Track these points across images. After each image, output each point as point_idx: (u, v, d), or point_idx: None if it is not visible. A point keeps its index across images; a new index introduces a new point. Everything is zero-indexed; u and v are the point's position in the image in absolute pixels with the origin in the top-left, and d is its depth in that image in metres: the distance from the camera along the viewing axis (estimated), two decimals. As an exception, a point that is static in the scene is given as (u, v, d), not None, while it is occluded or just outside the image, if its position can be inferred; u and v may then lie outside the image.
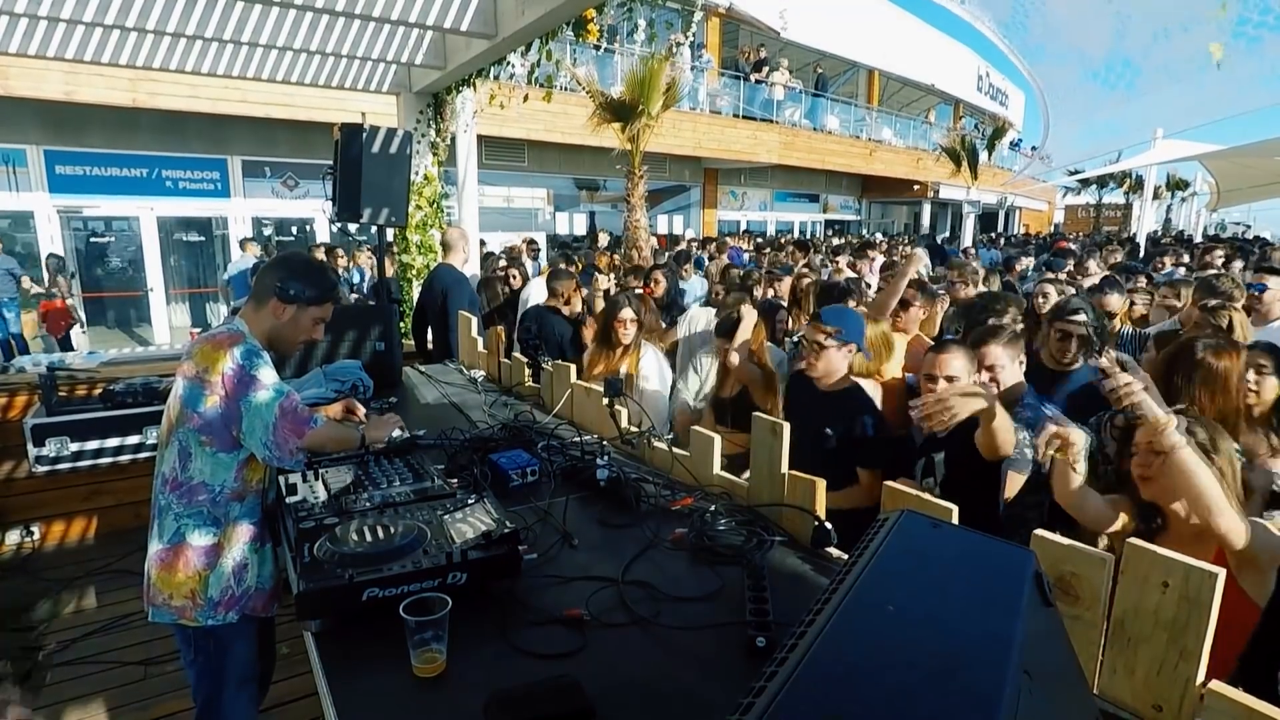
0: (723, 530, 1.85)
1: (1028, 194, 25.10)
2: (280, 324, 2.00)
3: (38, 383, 3.90)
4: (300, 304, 2.01)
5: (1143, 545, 1.21)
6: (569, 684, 1.22)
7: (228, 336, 1.89)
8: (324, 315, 2.09)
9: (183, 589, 1.88)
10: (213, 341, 1.88)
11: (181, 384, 1.89)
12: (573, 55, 10.55)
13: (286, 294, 1.98)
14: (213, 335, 1.92)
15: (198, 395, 1.84)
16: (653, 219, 15.37)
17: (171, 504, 1.89)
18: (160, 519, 1.92)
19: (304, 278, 2.02)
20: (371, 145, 3.71)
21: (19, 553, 4.11)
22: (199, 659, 1.96)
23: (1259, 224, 29.65)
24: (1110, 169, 22.16)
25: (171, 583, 1.88)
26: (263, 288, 2.00)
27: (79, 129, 9.64)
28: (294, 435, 1.86)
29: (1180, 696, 1.18)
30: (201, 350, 1.87)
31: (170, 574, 1.88)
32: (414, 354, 4.96)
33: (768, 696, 0.63)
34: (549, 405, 3.08)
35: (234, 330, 1.93)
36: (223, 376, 1.84)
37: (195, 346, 1.90)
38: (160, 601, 1.90)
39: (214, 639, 1.94)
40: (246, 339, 1.91)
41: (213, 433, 1.86)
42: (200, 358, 1.86)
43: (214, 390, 1.83)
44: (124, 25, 3.97)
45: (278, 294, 1.98)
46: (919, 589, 0.85)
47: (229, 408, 1.84)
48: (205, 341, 1.90)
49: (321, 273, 2.11)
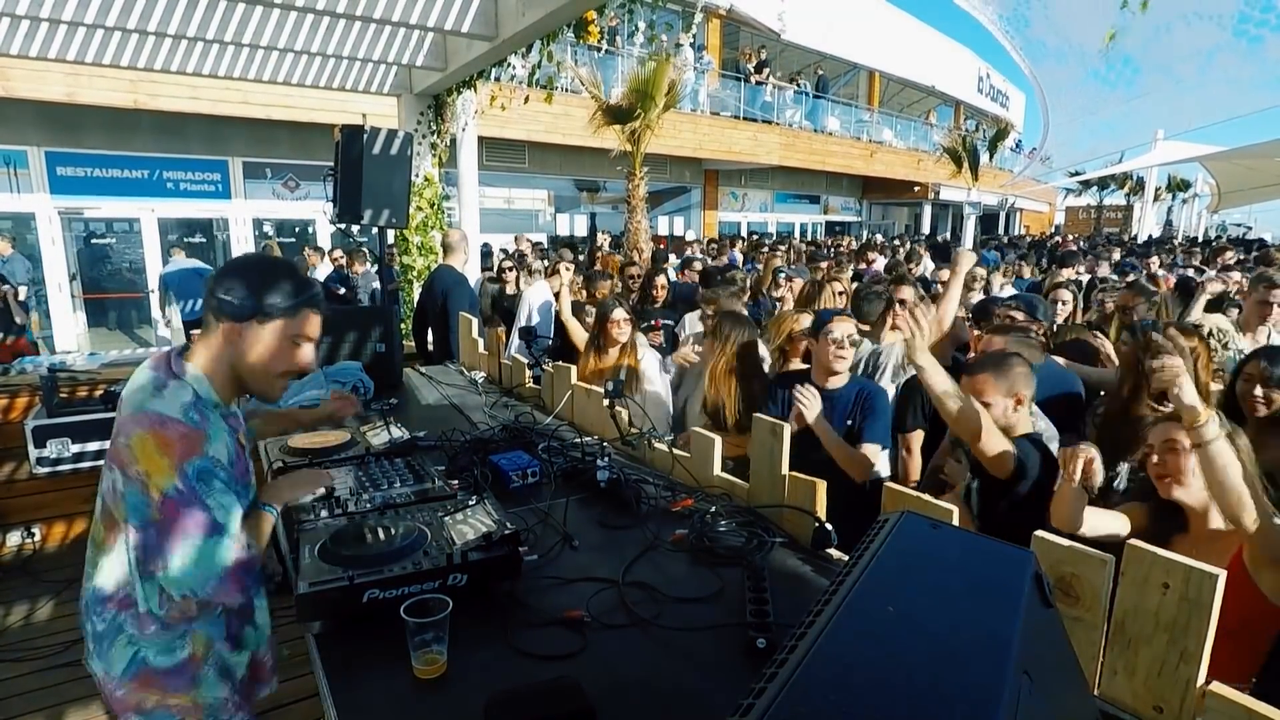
0: (723, 531, 1.85)
1: (1029, 195, 25.10)
2: (241, 352, 1.48)
3: (38, 384, 3.91)
4: (259, 318, 1.46)
5: (1143, 546, 1.21)
6: (569, 685, 1.22)
7: (181, 435, 1.37)
8: (303, 331, 1.52)
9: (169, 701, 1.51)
10: (158, 436, 1.36)
11: (120, 481, 1.40)
12: (574, 57, 10.56)
13: (232, 307, 1.45)
14: (159, 421, 1.37)
15: (142, 505, 1.38)
16: (653, 220, 15.36)
17: (123, 626, 1.47)
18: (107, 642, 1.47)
19: (257, 281, 1.46)
20: (372, 147, 3.72)
21: (20, 554, 4.11)
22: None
23: (1260, 225, 29.61)
24: (1111, 170, 22.17)
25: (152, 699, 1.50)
26: (208, 308, 1.48)
27: (80, 130, 9.66)
28: (239, 590, 1.45)
29: (1181, 698, 1.18)
30: (142, 445, 1.36)
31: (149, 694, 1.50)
32: (414, 355, 4.97)
33: (768, 697, 0.63)
34: (549, 406, 3.08)
35: (188, 420, 1.39)
36: (164, 499, 1.36)
37: (134, 431, 1.37)
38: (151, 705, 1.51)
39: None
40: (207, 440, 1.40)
41: (147, 558, 1.41)
42: (141, 455, 1.35)
43: (153, 507, 1.36)
44: (125, 27, 3.98)
45: (222, 309, 1.45)
46: (919, 590, 0.85)
47: (163, 542, 1.37)
48: (149, 430, 1.36)
49: (282, 273, 1.51)
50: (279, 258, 1.74)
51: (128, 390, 1.48)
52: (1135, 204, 26.06)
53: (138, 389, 1.45)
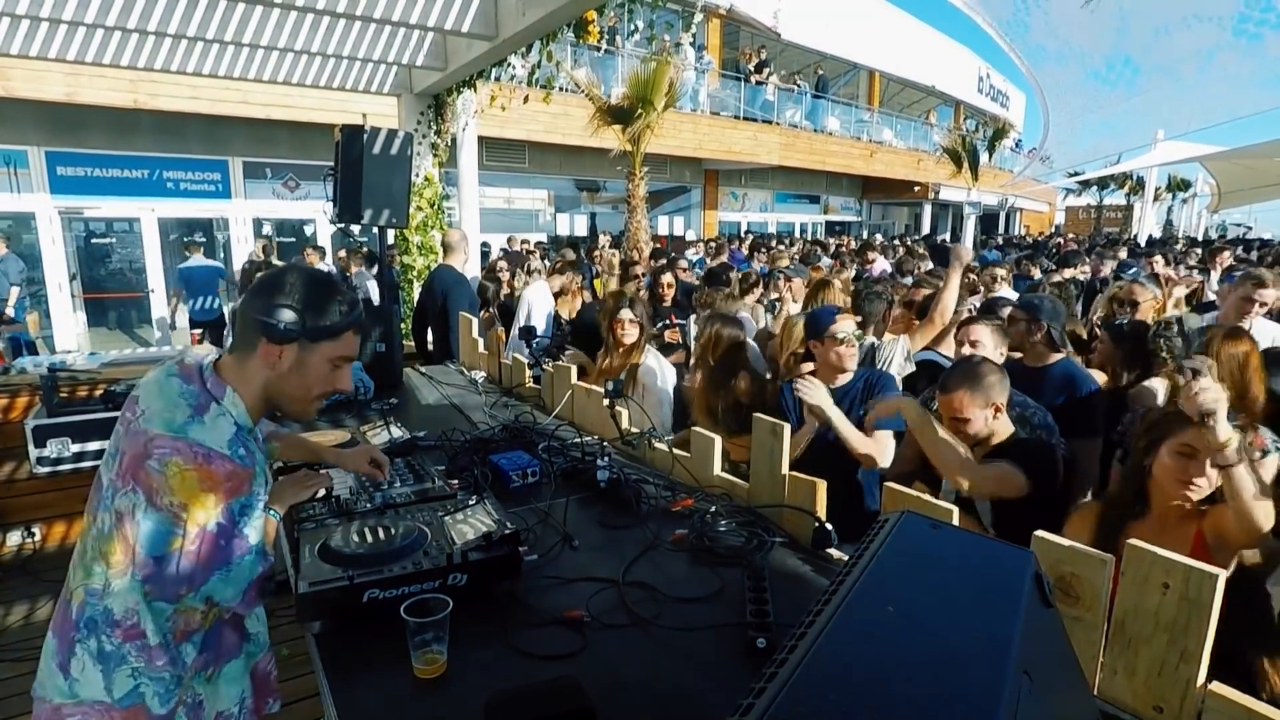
0: (723, 531, 1.85)
1: (1028, 195, 25.11)
2: (279, 375, 1.42)
3: (39, 384, 3.91)
4: (304, 340, 1.40)
5: (1143, 546, 1.21)
6: (569, 685, 1.22)
7: (229, 472, 1.32)
8: (346, 352, 1.47)
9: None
10: (203, 471, 1.30)
11: (143, 507, 1.30)
12: (574, 57, 10.57)
13: (277, 330, 1.37)
14: (205, 456, 1.30)
15: (164, 536, 1.31)
16: (653, 220, 15.37)
17: (127, 656, 1.37)
18: (107, 665, 1.38)
19: (303, 301, 1.39)
20: (372, 146, 3.72)
21: (20, 554, 4.11)
22: None
23: (1260, 225, 29.64)
24: (1111, 170, 22.19)
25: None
26: (246, 326, 1.40)
27: (80, 130, 9.66)
28: (257, 593, 1.44)
29: (1181, 698, 1.18)
30: (184, 479, 1.29)
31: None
32: (414, 355, 4.97)
33: (768, 697, 0.63)
34: (549, 406, 3.08)
35: (236, 457, 1.34)
36: (203, 531, 1.31)
37: (172, 460, 1.28)
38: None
39: None
40: (254, 475, 1.38)
41: (162, 585, 1.34)
42: (180, 488, 1.29)
43: (187, 539, 1.31)
44: (125, 27, 3.98)
45: (265, 331, 1.37)
46: (919, 590, 0.85)
47: (196, 569, 1.33)
48: (193, 466, 1.29)
49: (329, 292, 1.44)
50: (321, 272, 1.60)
51: (152, 400, 1.36)
52: (1135, 204, 26.06)
53: (169, 405, 1.34)
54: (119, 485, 1.34)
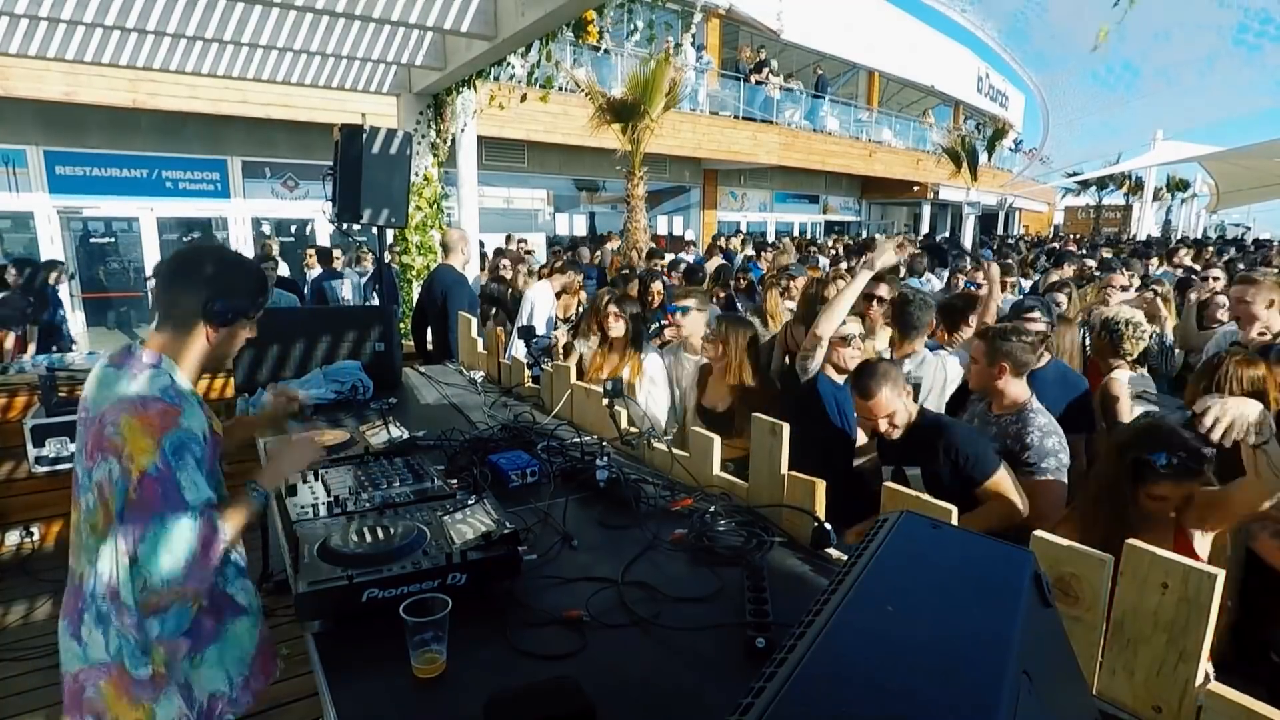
0: (722, 531, 1.85)
1: (1027, 195, 25.13)
2: (216, 346, 1.63)
3: (37, 383, 3.91)
4: (242, 321, 1.65)
5: (1143, 546, 1.21)
6: (569, 685, 1.22)
7: (160, 411, 1.45)
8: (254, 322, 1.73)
9: (128, 716, 1.53)
10: (142, 417, 1.43)
11: (115, 466, 1.43)
12: (574, 57, 10.57)
13: (222, 317, 1.59)
14: (141, 402, 1.44)
15: (123, 489, 1.43)
16: (652, 220, 15.38)
17: (111, 617, 1.49)
18: (103, 627, 1.50)
19: (236, 289, 1.61)
20: (371, 146, 3.72)
21: (19, 553, 4.11)
22: None
23: (1259, 225, 29.70)
24: (1110, 170, 22.21)
25: (118, 706, 1.52)
26: (184, 309, 1.57)
27: (79, 130, 9.65)
28: (206, 566, 1.46)
29: (1180, 698, 1.18)
30: (130, 427, 1.42)
31: (119, 696, 1.51)
32: (413, 355, 4.97)
33: (767, 697, 0.63)
34: (549, 406, 3.08)
35: (166, 398, 1.48)
36: (142, 477, 1.41)
37: (120, 417, 1.43)
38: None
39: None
40: (184, 414, 1.49)
41: (126, 542, 1.45)
42: (129, 437, 1.42)
43: (132, 486, 1.42)
44: (124, 26, 3.98)
45: (208, 316, 1.57)
46: (918, 590, 0.85)
47: (137, 520, 1.42)
48: (133, 414, 1.43)
49: (257, 276, 1.70)
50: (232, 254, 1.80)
51: (94, 391, 1.53)
52: (1134, 204, 26.09)
53: (107, 383, 1.51)
54: (90, 464, 1.47)
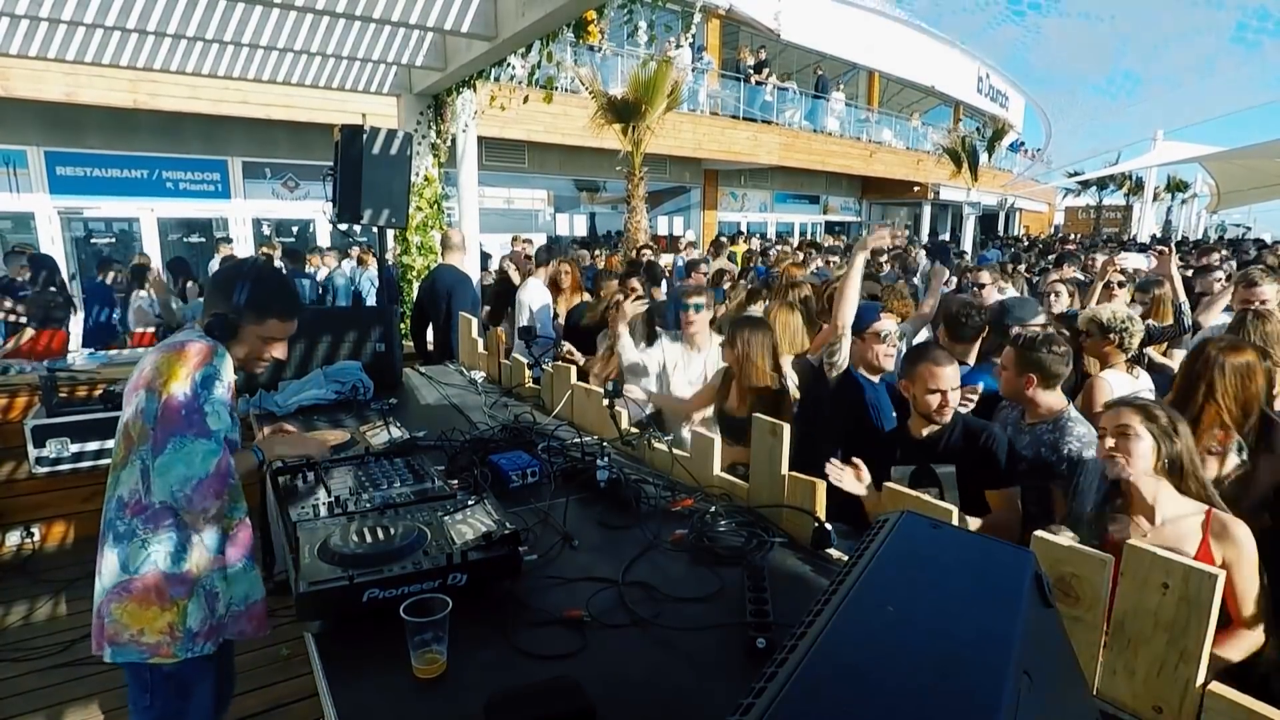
0: (723, 531, 1.85)
1: (1028, 195, 25.13)
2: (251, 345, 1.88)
3: (38, 384, 3.91)
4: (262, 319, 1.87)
5: (1143, 546, 1.21)
6: (569, 685, 1.22)
7: (199, 349, 1.70)
8: (275, 333, 1.89)
9: (158, 623, 1.69)
10: (180, 353, 1.68)
11: (143, 396, 1.67)
12: (574, 57, 10.57)
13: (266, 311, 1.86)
14: (180, 344, 1.71)
15: (153, 408, 1.65)
16: (653, 220, 15.37)
17: (136, 529, 1.69)
18: (121, 546, 1.70)
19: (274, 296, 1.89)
20: (372, 146, 3.72)
21: (19, 554, 4.11)
22: (156, 704, 1.76)
23: (1259, 225, 29.64)
24: (1110, 170, 22.21)
25: (143, 617, 1.68)
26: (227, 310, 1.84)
27: (79, 130, 9.64)
28: (215, 496, 1.67)
29: (1180, 698, 1.18)
30: (167, 361, 1.68)
31: (142, 607, 1.68)
32: (414, 355, 4.97)
33: (768, 697, 0.63)
34: (549, 406, 3.08)
35: (205, 342, 1.73)
36: (169, 397, 1.64)
37: (159, 356, 1.70)
38: (126, 639, 1.69)
39: (176, 681, 1.76)
40: (216, 356, 1.72)
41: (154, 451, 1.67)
42: (165, 368, 1.67)
43: (161, 403, 1.64)
44: (124, 26, 3.98)
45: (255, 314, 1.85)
46: (919, 590, 0.85)
47: (161, 432, 1.63)
48: (172, 351, 1.69)
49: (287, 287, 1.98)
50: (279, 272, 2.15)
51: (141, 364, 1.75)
52: (1134, 204, 26.09)
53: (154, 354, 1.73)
54: (129, 403, 1.72)
